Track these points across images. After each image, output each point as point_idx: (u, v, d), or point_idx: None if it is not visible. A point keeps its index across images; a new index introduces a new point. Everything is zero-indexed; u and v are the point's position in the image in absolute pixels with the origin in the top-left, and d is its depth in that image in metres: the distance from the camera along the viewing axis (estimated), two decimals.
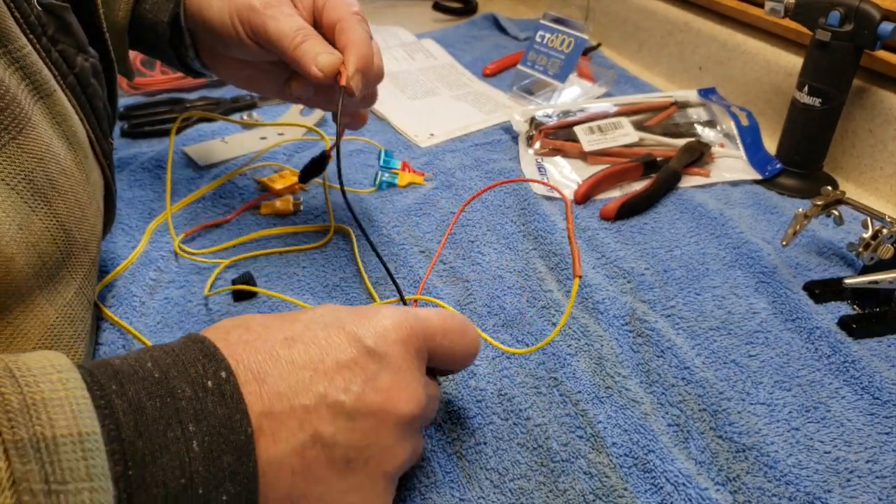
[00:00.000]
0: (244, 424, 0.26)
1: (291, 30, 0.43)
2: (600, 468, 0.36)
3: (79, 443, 0.22)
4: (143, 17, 0.49)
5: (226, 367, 0.27)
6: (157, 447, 0.24)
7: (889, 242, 0.48)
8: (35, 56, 0.33)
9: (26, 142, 0.32)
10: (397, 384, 0.29)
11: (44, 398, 0.22)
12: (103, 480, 0.22)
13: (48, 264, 0.34)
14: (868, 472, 0.37)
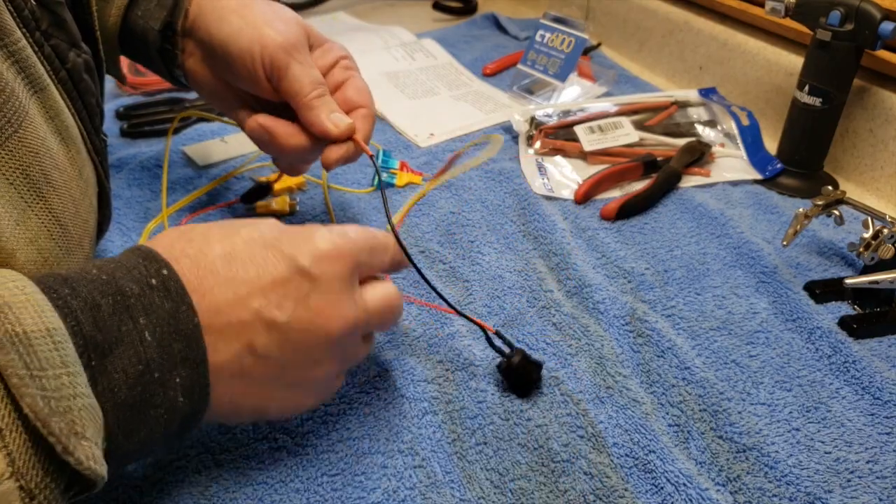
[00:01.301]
0: (190, 315, 0.29)
1: (313, 80, 0.45)
2: (601, 468, 0.36)
3: (48, 336, 0.24)
4: (134, 23, 0.49)
5: (167, 266, 0.30)
6: (114, 339, 0.27)
7: (890, 242, 0.48)
8: (29, 50, 0.33)
9: (25, 136, 0.32)
10: (329, 303, 0.32)
11: (7, 301, 0.24)
12: (77, 366, 0.25)
13: (49, 260, 0.34)
14: (869, 472, 0.37)
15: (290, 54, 0.45)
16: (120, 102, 0.73)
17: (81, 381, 0.25)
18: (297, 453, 0.37)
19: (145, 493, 0.35)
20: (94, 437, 0.25)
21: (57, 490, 0.24)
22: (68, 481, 0.24)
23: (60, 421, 0.23)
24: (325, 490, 0.35)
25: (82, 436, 0.24)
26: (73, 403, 0.24)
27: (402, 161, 0.64)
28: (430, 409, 0.40)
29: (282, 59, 0.44)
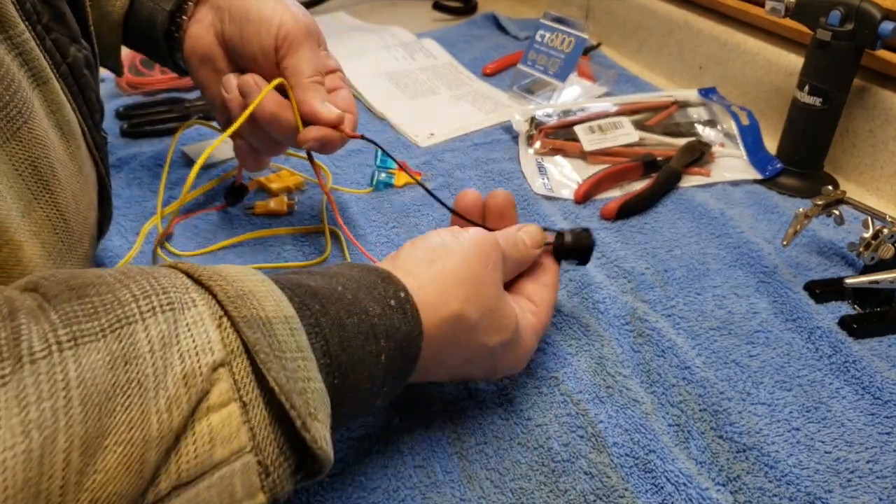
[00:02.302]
0: (419, 341, 0.31)
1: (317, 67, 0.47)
2: (601, 468, 0.36)
3: (286, 323, 0.26)
4: (140, 7, 0.49)
5: (403, 288, 0.32)
6: (357, 360, 0.28)
7: (890, 242, 0.48)
8: (32, 43, 0.33)
9: (34, 127, 0.32)
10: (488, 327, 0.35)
11: (251, 290, 0.26)
12: (310, 352, 0.26)
13: (53, 254, 0.33)
14: (869, 472, 0.37)
15: (306, 38, 0.47)
16: (120, 102, 0.73)
17: (313, 367, 0.26)
18: None
19: None
20: (324, 420, 0.26)
21: (289, 470, 0.25)
22: (297, 463, 0.25)
23: (299, 399, 0.24)
24: (326, 490, 0.35)
25: (315, 417, 0.25)
26: (307, 386, 0.25)
27: (402, 160, 0.64)
28: (431, 409, 0.40)
29: (297, 38, 0.47)
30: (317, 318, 0.28)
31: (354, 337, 0.28)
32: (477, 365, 0.36)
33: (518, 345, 0.37)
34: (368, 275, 0.32)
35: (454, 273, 0.34)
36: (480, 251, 0.35)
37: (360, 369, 0.28)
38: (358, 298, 0.30)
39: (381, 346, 0.29)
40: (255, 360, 0.24)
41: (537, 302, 0.40)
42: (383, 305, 0.30)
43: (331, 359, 0.27)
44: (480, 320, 0.34)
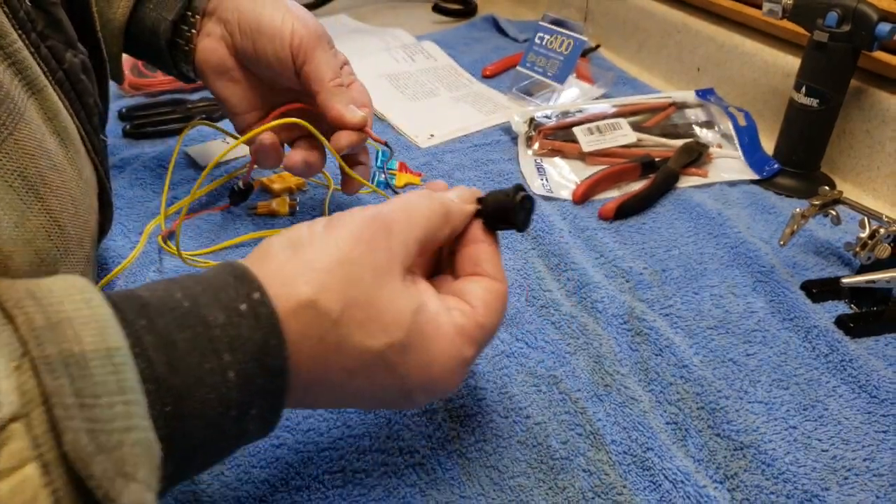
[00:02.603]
0: (280, 350, 0.26)
1: (335, 70, 0.48)
2: (599, 466, 0.37)
3: (107, 358, 0.22)
4: (144, 16, 0.50)
5: (258, 288, 0.26)
6: (193, 381, 0.24)
7: (886, 242, 0.48)
8: (26, 52, 0.33)
9: (21, 137, 0.32)
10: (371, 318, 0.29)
11: (69, 316, 0.22)
12: (136, 394, 0.22)
13: (46, 261, 0.34)
14: (865, 469, 0.37)
15: (319, 41, 0.48)
16: (122, 103, 0.74)
17: (139, 412, 0.22)
18: (298, 451, 0.37)
19: None
20: (146, 479, 0.22)
21: None
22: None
23: (106, 460, 0.21)
24: (326, 487, 0.36)
25: (132, 477, 0.21)
26: (125, 438, 0.21)
27: (400, 161, 0.65)
28: (430, 407, 0.40)
29: (310, 44, 0.47)
30: (139, 337, 0.23)
31: (187, 354, 0.24)
32: (372, 379, 0.29)
33: (426, 350, 0.29)
34: (221, 274, 0.27)
35: (310, 259, 0.28)
36: (355, 231, 0.29)
37: (201, 392, 0.24)
38: (198, 305, 0.25)
39: (224, 361, 0.25)
40: None
41: (471, 300, 0.32)
42: (230, 312, 0.25)
43: (157, 384, 0.23)
44: (347, 313, 0.28)
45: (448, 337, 0.30)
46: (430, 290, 0.32)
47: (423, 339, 0.29)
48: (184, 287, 0.26)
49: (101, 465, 0.20)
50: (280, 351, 0.26)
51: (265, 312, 0.26)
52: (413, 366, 0.29)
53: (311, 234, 0.29)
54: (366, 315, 0.28)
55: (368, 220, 0.30)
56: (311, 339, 0.27)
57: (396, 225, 0.30)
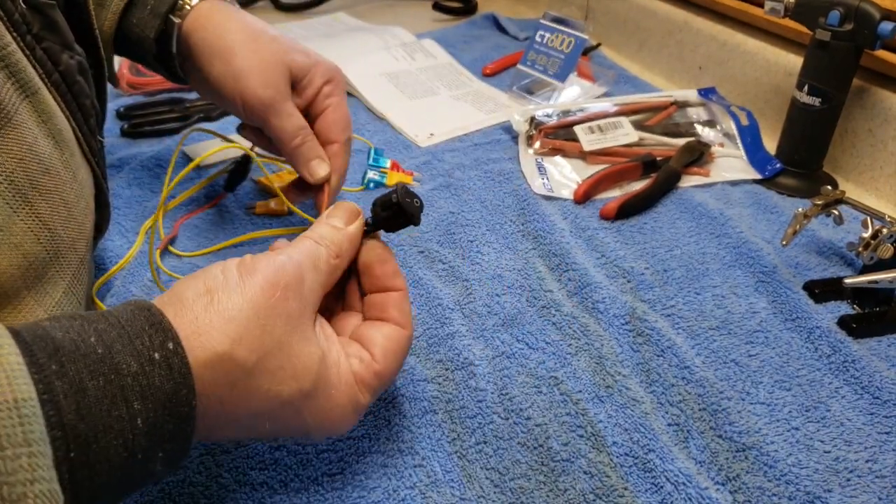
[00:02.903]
0: (190, 398, 0.27)
1: (294, 129, 0.48)
2: (600, 467, 0.36)
3: (14, 409, 0.22)
4: (129, 30, 0.50)
5: (173, 338, 0.27)
6: (101, 428, 0.24)
7: (889, 242, 0.48)
8: (20, 54, 0.33)
9: (4, 142, 0.31)
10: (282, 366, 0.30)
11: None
12: (42, 445, 0.22)
13: (34, 264, 0.33)
14: (868, 471, 0.37)
15: (269, 110, 0.47)
16: (120, 103, 0.73)
17: (43, 463, 0.22)
18: (296, 453, 0.37)
19: (145, 492, 0.35)
20: None
21: None
22: None
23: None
24: (325, 489, 0.35)
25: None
26: (28, 490, 0.21)
27: (392, 160, 0.64)
28: (430, 408, 0.40)
29: (261, 114, 0.48)
30: (50, 383, 0.23)
31: (97, 402, 0.24)
32: (277, 421, 0.30)
33: (328, 397, 0.31)
34: (136, 319, 0.27)
35: (226, 311, 0.28)
36: (266, 279, 0.30)
37: (107, 437, 0.24)
38: (111, 353, 0.25)
39: (133, 409, 0.25)
40: None
41: (371, 348, 0.33)
42: (142, 361, 0.26)
43: (64, 430, 0.23)
44: (261, 363, 0.29)
45: (348, 384, 0.32)
46: (332, 336, 0.33)
47: (325, 386, 0.31)
48: (98, 331, 0.26)
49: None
50: (189, 399, 0.27)
51: (178, 363, 0.27)
52: (315, 410, 0.31)
53: (225, 280, 0.30)
54: (278, 363, 0.29)
55: (280, 269, 0.31)
56: (222, 387, 0.28)
57: (307, 273, 0.32)
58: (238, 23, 0.49)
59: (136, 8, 0.49)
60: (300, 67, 0.49)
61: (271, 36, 0.49)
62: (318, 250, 0.33)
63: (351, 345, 0.34)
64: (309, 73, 0.49)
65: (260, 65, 0.47)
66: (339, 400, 0.31)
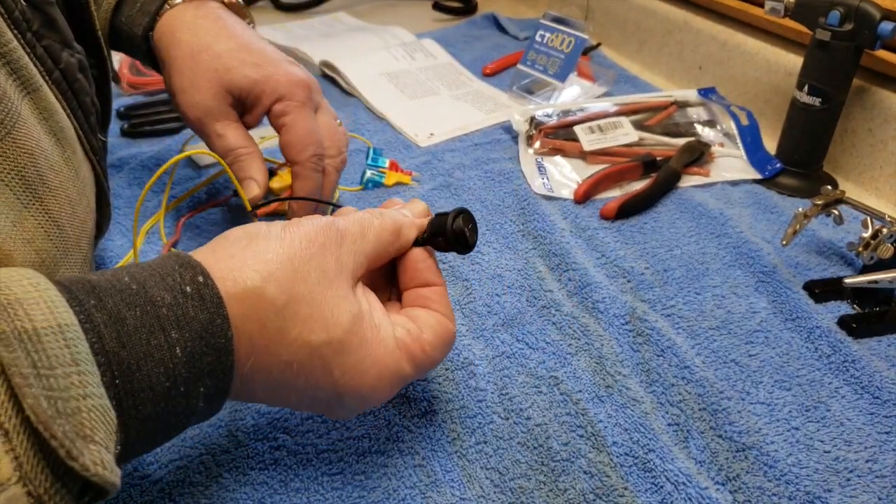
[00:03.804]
0: (224, 328, 0.27)
1: (223, 151, 0.48)
2: (600, 467, 0.36)
3: (59, 333, 0.23)
4: (119, 27, 0.50)
5: (202, 272, 0.28)
6: (142, 355, 0.25)
7: (889, 242, 0.48)
8: (21, 52, 0.33)
9: (18, 137, 0.32)
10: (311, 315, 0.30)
11: (18, 298, 0.23)
12: (89, 365, 0.23)
13: (46, 261, 0.34)
14: (868, 471, 0.37)
15: (199, 129, 0.48)
16: (121, 102, 0.73)
17: (93, 381, 0.23)
18: (297, 452, 0.37)
19: (145, 492, 0.35)
20: (104, 441, 0.23)
21: (69, 496, 0.22)
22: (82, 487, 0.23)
23: (66, 423, 0.22)
24: (325, 489, 0.35)
25: (91, 439, 0.22)
26: (82, 404, 0.23)
27: (391, 160, 0.64)
28: (430, 408, 0.40)
29: (197, 132, 0.49)
30: (90, 314, 0.25)
31: (136, 330, 0.25)
32: (308, 375, 0.30)
33: (363, 355, 0.31)
34: (167, 262, 0.29)
35: (263, 252, 0.30)
36: (307, 233, 0.31)
37: (149, 365, 0.25)
38: (145, 288, 0.27)
39: (171, 337, 0.26)
40: None
41: (421, 325, 0.33)
42: (175, 293, 0.27)
43: (107, 357, 0.25)
44: (291, 305, 0.29)
45: (388, 348, 0.31)
46: (377, 302, 0.33)
47: (361, 343, 0.30)
48: (131, 272, 0.27)
49: (62, 427, 0.21)
50: (224, 330, 0.27)
51: (209, 294, 0.28)
52: (348, 367, 0.30)
53: (267, 230, 0.31)
54: (308, 312, 0.29)
55: (324, 227, 0.31)
56: (253, 322, 0.29)
57: (349, 236, 0.32)
58: (188, 34, 0.48)
59: (126, 5, 0.50)
60: (241, 88, 0.48)
61: (216, 53, 0.48)
62: (370, 221, 0.33)
63: (396, 316, 0.34)
64: (252, 92, 0.48)
65: (192, 84, 0.47)
66: (376, 361, 0.31)
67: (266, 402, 0.32)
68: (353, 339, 0.30)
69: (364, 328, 0.31)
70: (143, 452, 0.29)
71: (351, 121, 0.74)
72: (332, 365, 0.30)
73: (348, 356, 0.30)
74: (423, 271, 0.35)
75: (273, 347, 0.29)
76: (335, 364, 0.30)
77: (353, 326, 0.30)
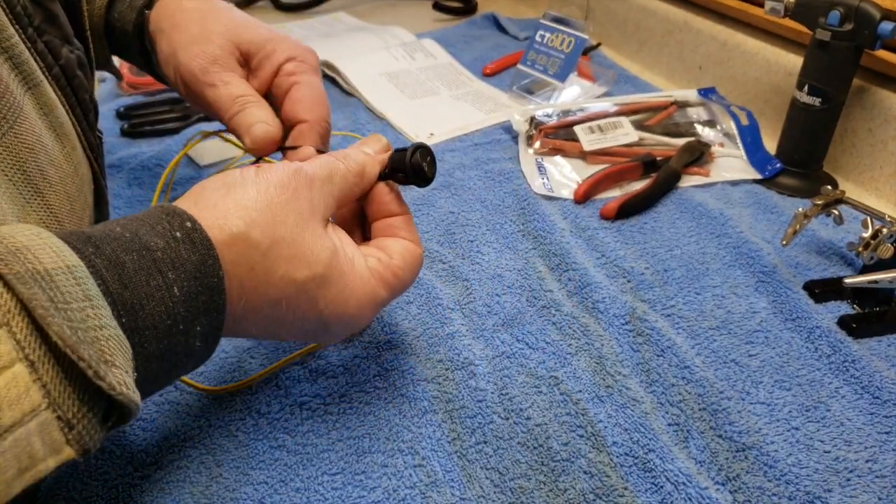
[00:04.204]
0: (216, 268, 0.29)
1: (229, 99, 0.44)
2: (600, 467, 0.36)
3: (69, 273, 0.24)
4: (112, 24, 0.50)
5: (189, 218, 0.30)
6: (144, 295, 0.27)
7: (889, 242, 0.48)
8: (22, 46, 0.33)
9: (21, 132, 0.32)
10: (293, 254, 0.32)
11: (25, 244, 0.24)
12: (100, 300, 0.25)
13: None
14: (868, 471, 0.37)
15: (200, 80, 0.45)
16: (120, 102, 0.73)
17: (106, 314, 0.25)
18: (297, 452, 0.37)
19: (146, 492, 0.35)
20: (123, 366, 0.25)
21: (95, 419, 0.24)
22: (105, 411, 0.25)
23: (89, 348, 0.23)
24: (326, 489, 0.35)
25: (112, 363, 0.24)
26: (99, 334, 0.24)
27: None
28: (430, 408, 0.40)
29: (194, 87, 0.45)
30: (90, 260, 0.26)
31: (135, 273, 0.27)
32: (296, 310, 0.32)
33: (342, 286, 0.33)
34: (153, 212, 0.30)
35: (242, 199, 0.31)
36: (279, 179, 0.33)
37: (150, 304, 0.27)
38: (138, 235, 0.28)
39: (168, 278, 0.28)
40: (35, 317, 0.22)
41: (390, 252, 0.36)
42: (167, 238, 0.29)
43: (112, 297, 0.26)
44: (274, 248, 0.31)
45: (363, 277, 0.34)
46: (347, 238, 0.36)
47: (340, 276, 0.33)
48: (121, 223, 0.29)
49: (87, 351, 0.23)
50: (216, 270, 0.29)
51: (199, 238, 0.29)
52: (331, 299, 0.33)
53: (242, 178, 0.32)
54: (290, 252, 0.32)
55: (294, 173, 0.33)
56: (242, 266, 0.30)
57: (318, 180, 0.34)
58: (195, 2, 0.47)
59: (118, 2, 0.49)
60: (251, 42, 0.46)
61: (226, 15, 0.46)
62: (336, 165, 0.35)
63: (366, 248, 0.36)
64: (263, 49, 0.46)
65: (199, 36, 0.45)
66: (354, 290, 0.33)
67: (257, 337, 0.34)
68: (333, 273, 0.33)
69: (341, 262, 0.33)
70: (148, 394, 0.30)
71: (351, 121, 0.74)
72: (317, 298, 0.33)
73: (330, 288, 0.33)
74: (388, 203, 0.38)
75: (262, 287, 0.31)
76: (319, 296, 0.33)
77: (332, 261, 0.33)
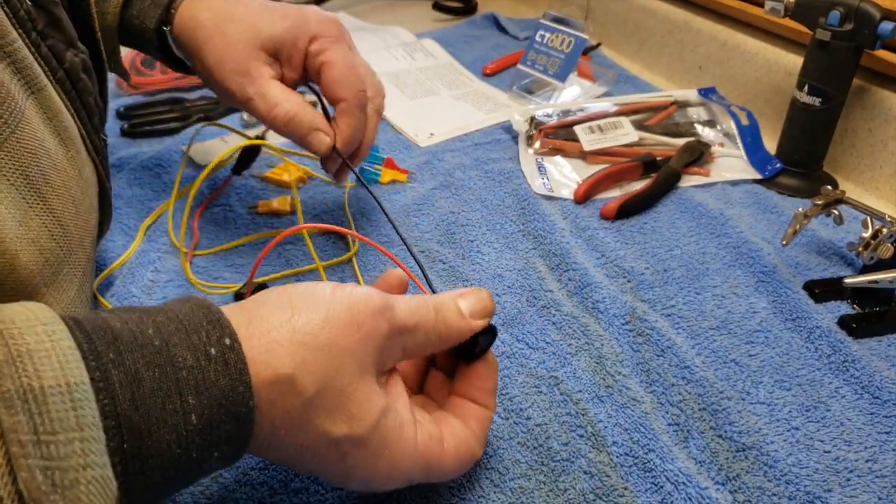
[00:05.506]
0: (247, 398, 0.26)
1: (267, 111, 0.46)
2: (600, 467, 0.36)
3: (67, 393, 0.22)
4: (130, 21, 0.50)
5: (231, 335, 0.26)
6: (155, 421, 0.24)
7: (889, 242, 0.48)
8: (26, 51, 0.33)
9: (22, 137, 0.32)
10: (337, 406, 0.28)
11: (29, 350, 0.22)
12: (94, 430, 0.22)
13: (51, 261, 0.34)
14: (868, 471, 0.37)
15: (244, 99, 0.46)
16: (121, 102, 0.73)
17: (96, 448, 0.22)
18: None
19: None
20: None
21: None
22: None
23: (60, 500, 0.21)
24: (326, 489, 0.35)
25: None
26: (81, 475, 0.21)
27: (388, 157, 0.64)
28: None
29: (244, 105, 0.47)
30: (106, 371, 0.23)
31: (152, 393, 0.24)
32: (320, 461, 0.29)
33: (380, 454, 0.29)
34: (195, 314, 0.27)
35: (301, 330, 0.28)
36: (351, 314, 0.29)
37: (161, 431, 0.24)
38: (168, 345, 0.25)
39: (188, 404, 0.25)
40: None
41: (446, 434, 0.32)
42: (198, 355, 0.25)
43: (118, 420, 0.23)
44: (319, 396, 0.27)
45: (405, 452, 0.30)
46: (403, 395, 0.31)
47: (381, 443, 0.29)
48: (156, 323, 0.26)
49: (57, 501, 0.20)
50: (246, 399, 0.26)
51: (234, 359, 0.26)
52: (361, 461, 0.29)
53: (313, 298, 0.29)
54: (334, 403, 0.28)
55: (377, 312, 0.29)
56: (278, 409, 0.27)
57: (397, 330, 0.30)
58: (207, 13, 0.47)
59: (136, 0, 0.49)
60: (273, 38, 0.46)
61: (238, 18, 0.47)
62: (427, 317, 0.31)
63: (425, 415, 0.32)
64: (286, 40, 0.46)
65: (225, 55, 0.46)
66: (390, 460, 0.30)
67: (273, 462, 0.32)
68: (375, 438, 0.29)
69: (387, 426, 0.29)
70: None
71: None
72: (348, 455, 0.29)
73: (365, 452, 0.29)
74: (483, 393, 0.34)
75: (294, 431, 0.28)
76: (350, 455, 0.29)
77: (377, 424, 0.29)
